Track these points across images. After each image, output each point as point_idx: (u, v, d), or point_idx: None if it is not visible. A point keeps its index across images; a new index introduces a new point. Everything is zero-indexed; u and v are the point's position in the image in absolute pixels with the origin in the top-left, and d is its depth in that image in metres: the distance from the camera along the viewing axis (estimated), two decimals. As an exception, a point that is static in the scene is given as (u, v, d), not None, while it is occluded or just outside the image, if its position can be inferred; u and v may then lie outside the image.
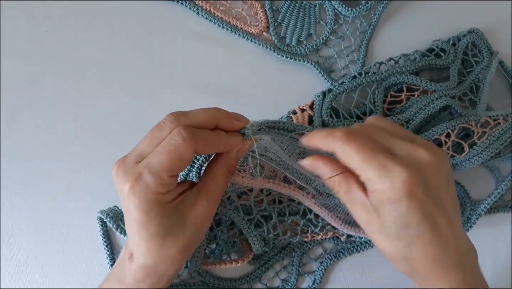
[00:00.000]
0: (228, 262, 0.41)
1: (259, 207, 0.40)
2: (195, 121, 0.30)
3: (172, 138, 0.29)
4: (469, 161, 0.43)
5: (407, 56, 0.46)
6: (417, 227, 0.28)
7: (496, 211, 0.46)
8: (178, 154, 0.29)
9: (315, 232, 0.42)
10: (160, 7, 0.47)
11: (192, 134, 0.29)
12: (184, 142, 0.29)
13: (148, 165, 0.29)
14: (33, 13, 0.46)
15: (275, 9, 0.48)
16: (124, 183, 0.29)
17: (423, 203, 0.28)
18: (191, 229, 0.31)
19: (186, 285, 0.42)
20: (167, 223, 0.30)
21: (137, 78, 0.46)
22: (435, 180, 0.29)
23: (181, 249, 0.31)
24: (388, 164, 0.28)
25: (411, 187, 0.28)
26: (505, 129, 0.42)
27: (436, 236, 0.29)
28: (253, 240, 0.40)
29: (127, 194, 0.29)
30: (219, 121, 0.32)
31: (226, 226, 0.41)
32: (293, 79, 0.47)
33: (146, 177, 0.29)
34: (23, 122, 0.44)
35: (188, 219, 0.31)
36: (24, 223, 0.43)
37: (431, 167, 0.29)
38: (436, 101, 0.43)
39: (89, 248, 0.43)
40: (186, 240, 0.31)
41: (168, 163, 0.29)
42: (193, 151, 0.29)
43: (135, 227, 0.30)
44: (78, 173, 0.44)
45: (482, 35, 0.48)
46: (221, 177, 0.33)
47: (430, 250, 0.29)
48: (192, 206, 0.32)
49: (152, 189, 0.29)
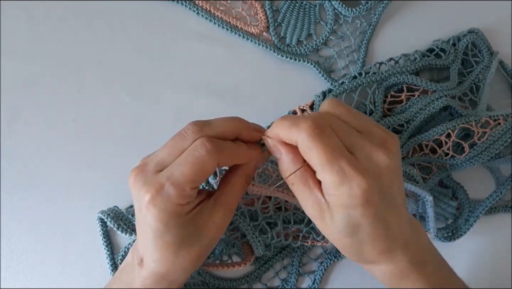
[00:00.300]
0: (230, 265, 0.41)
1: (264, 213, 0.40)
2: (218, 132, 0.30)
3: (196, 150, 0.28)
4: (469, 161, 0.43)
5: (407, 56, 0.46)
6: (368, 227, 0.29)
7: (496, 211, 0.46)
8: (201, 166, 0.28)
9: (317, 240, 0.42)
10: (160, 7, 0.47)
11: (217, 147, 0.29)
12: (208, 154, 0.28)
13: (171, 176, 0.28)
14: (33, 13, 0.46)
15: (275, 9, 0.48)
16: (144, 193, 0.29)
17: (377, 207, 0.29)
18: (206, 239, 0.31)
19: (186, 285, 0.42)
20: (183, 234, 0.30)
21: (137, 78, 0.46)
22: (390, 183, 0.29)
23: (195, 258, 0.31)
24: (349, 172, 0.28)
25: (368, 196, 0.28)
26: (505, 130, 0.42)
27: (385, 232, 0.30)
28: (256, 245, 0.40)
29: (147, 204, 0.29)
30: (240, 132, 0.31)
31: (228, 228, 0.42)
32: (293, 79, 0.47)
33: (168, 188, 0.28)
34: (23, 122, 0.44)
35: (204, 230, 0.31)
36: (24, 223, 0.43)
37: (389, 171, 0.29)
38: (436, 101, 0.43)
39: (89, 248, 0.43)
40: (200, 250, 0.31)
41: (192, 176, 0.28)
42: (216, 163, 0.29)
43: (150, 235, 0.30)
44: (78, 173, 0.44)
45: (482, 35, 0.48)
46: (238, 188, 0.33)
47: (380, 245, 0.30)
48: (209, 217, 0.31)
49: (173, 200, 0.29)
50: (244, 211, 0.39)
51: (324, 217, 0.30)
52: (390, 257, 0.31)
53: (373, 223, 0.29)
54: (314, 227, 0.41)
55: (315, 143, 0.28)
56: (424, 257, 0.33)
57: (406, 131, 0.43)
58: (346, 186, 0.28)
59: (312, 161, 0.28)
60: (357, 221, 0.29)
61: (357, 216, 0.29)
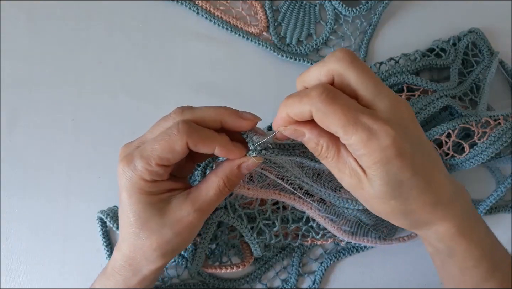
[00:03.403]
0: (230, 267, 0.41)
1: (262, 213, 0.40)
2: (199, 116, 0.31)
3: (169, 129, 0.30)
4: (470, 161, 0.43)
5: (408, 56, 0.46)
6: (410, 181, 0.28)
7: (496, 211, 0.46)
8: (169, 143, 0.29)
9: (316, 238, 0.42)
10: (160, 7, 0.47)
11: (188, 128, 0.29)
12: (178, 133, 0.29)
13: (142, 150, 0.30)
14: (33, 13, 0.46)
15: (275, 9, 0.48)
16: (119, 162, 0.31)
17: (412, 157, 0.28)
18: (169, 230, 0.31)
19: (186, 285, 0.42)
20: (144, 214, 0.31)
21: (137, 78, 0.46)
22: (415, 130, 0.29)
23: (154, 246, 0.31)
24: (374, 125, 0.26)
25: (400, 145, 0.27)
26: (505, 130, 0.42)
27: (428, 184, 0.29)
28: (254, 246, 0.40)
29: (118, 173, 0.31)
30: (223, 118, 0.31)
31: (227, 227, 0.41)
32: (293, 79, 0.47)
33: (136, 160, 0.30)
34: (23, 123, 0.44)
35: (168, 219, 0.31)
36: (24, 223, 0.43)
37: (412, 120, 0.29)
38: (436, 101, 0.43)
39: (89, 248, 0.43)
40: (160, 239, 0.31)
41: (158, 151, 0.29)
42: (184, 144, 0.29)
43: (120, 210, 0.32)
44: (77, 173, 0.44)
45: (483, 35, 0.48)
46: (214, 188, 0.32)
47: (426, 198, 0.29)
48: (176, 208, 0.31)
49: (138, 173, 0.30)
50: (241, 214, 0.39)
51: (363, 184, 0.29)
52: (443, 213, 0.30)
53: (413, 175, 0.28)
54: (313, 226, 0.41)
55: (332, 107, 0.26)
56: (473, 218, 0.32)
57: (406, 131, 0.43)
58: (374, 140, 0.27)
59: (333, 127, 0.27)
60: (397, 176, 0.28)
61: (395, 171, 0.27)
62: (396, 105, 0.28)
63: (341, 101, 0.27)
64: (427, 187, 0.29)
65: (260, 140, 0.31)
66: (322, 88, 0.27)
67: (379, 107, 0.28)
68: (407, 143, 0.27)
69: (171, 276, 0.43)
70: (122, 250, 0.32)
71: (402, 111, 0.28)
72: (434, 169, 0.29)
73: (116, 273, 0.33)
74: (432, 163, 0.29)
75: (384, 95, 0.28)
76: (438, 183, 0.30)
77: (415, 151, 0.28)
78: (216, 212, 0.38)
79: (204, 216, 0.32)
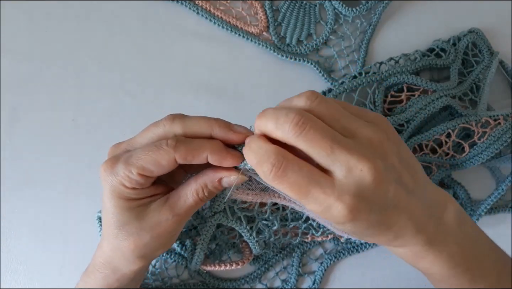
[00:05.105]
0: (229, 264, 0.41)
1: (262, 214, 0.40)
2: (188, 125, 0.30)
3: (160, 142, 0.29)
4: (470, 161, 0.42)
5: (408, 56, 0.46)
6: (368, 231, 0.29)
7: (496, 211, 0.46)
8: (155, 156, 0.29)
9: (316, 235, 0.42)
10: (160, 7, 0.47)
11: (175, 143, 0.29)
12: (166, 147, 0.29)
13: (127, 156, 0.30)
14: (33, 13, 0.46)
15: (275, 9, 0.48)
16: (103, 164, 0.30)
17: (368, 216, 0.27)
18: (147, 234, 0.31)
19: (186, 285, 0.42)
20: (122, 218, 0.31)
21: (137, 78, 0.46)
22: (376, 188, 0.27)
23: (132, 247, 0.31)
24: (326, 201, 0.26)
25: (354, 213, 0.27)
26: (505, 130, 0.42)
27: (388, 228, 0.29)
28: (254, 245, 0.40)
29: (101, 175, 0.30)
30: (213, 130, 0.30)
31: (226, 227, 0.41)
32: (293, 79, 0.47)
33: (119, 164, 0.29)
34: (23, 122, 0.44)
35: (146, 223, 0.31)
36: (24, 223, 0.43)
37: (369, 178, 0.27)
38: (436, 101, 0.43)
39: (89, 248, 0.43)
40: (138, 241, 0.31)
41: (143, 161, 0.29)
42: (172, 158, 0.29)
43: (102, 209, 0.32)
44: (77, 172, 0.44)
45: (483, 35, 0.48)
46: (193, 195, 0.31)
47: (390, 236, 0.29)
48: (155, 213, 0.31)
49: (119, 177, 0.29)
50: (240, 216, 0.39)
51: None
52: (411, 238, 0.30)
53: (369, 227, 0.28)
54: (312, 223, 0.41)
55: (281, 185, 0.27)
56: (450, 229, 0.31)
57: (406, 131, 0.43)
58: (328, 213, 0.27)
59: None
60: (357, 228, 0.28)
61: (354, 226, 0.28)
62: (353, 170, 0.26)
63: (290, 177, 0.26)
64: (387, 230, 0.29)
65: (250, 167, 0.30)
66: (270, 165, 0.27)
67: (335, 175, 0.27)
68: (363, 209, 0.27)
69: (171, 276, 0.43)
70: (102, 248, 0.33)
71: (361, 173, 0.27)
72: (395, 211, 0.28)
73: (96, 270, 0.34)
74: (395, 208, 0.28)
75: (338, 164, 0.26)
76: (400, 224, 0.29)
77: (373, 209, 0.27)
78: (215, 215, 0.38)
79: (182, 221, 0.32)
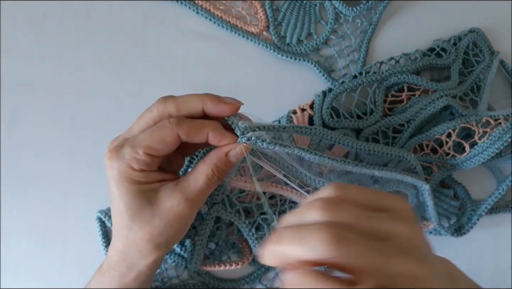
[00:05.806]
0: (228, 264, 0.41)
1: (260, 208, 0.40)
2: (180, 102, 0.31)
3: (162, 123, 0.30)
4: (470, 161, 0.42)
5: (408, 55, 0.46)
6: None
7: (497, 211, 0.46)
8: (159, 133, 0.30)
9: None
10: (160, 7, 0.47)
11: (178, 120, 0.30)
12: (168, 125, 0.30)
13: (130, 140, 0.30)
14: (33, 13, 0.46)
15: (275, 8, 0.48)
16: (106, 154, 0.31)
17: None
18: (160, 220, 0.31)
19: (186, 285, 0.42)
20: (135, 204, 0.31)
21: (137, 77, 0.46)
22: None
23: (147, 237, 0.31)
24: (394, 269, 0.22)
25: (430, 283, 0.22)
26: (506, 129, 0.42)
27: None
28: (253, 242, 0.40)
29: (106, 165, 0.31)
30: (205, 104, 0.31)
31: (225, 223, 0.41)
32: (293, 79, 0.47)
33: (124, 149, 0.30)
34: (23, 122, 0.44)
35: (158, 208, 0.31)
36: (24, 223, 0.43)
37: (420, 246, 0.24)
38: (437, 101, 0.43)
39: (88, 248, 0.43)
40: (153, 230, 0.31)
41: (148, 140, 0.30)
42: (175, 135, 0.30)
43: (111, 204, 0.31)
44: (77, 172, 0.44)
45: (483, 35, 0.48)
46: (202, 176, 0.32)
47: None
48: (166, 198, 0.31)
49: (126, 160, 0.30)
50: (239, 208, 0.39)
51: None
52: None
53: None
54: None
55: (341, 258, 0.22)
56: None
57: (406, 131, 0.43)
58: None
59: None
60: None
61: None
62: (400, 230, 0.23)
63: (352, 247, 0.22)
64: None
65: (246, 125, 0.30)
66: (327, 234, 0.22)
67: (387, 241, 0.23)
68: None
69: (171, 277, 0.43)
70: (115, 245, 0.32)
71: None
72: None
73: (111, 269, 0.33)
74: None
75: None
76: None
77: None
78: (213, 207, 0.38)
79: (195, 205, 0.32)
